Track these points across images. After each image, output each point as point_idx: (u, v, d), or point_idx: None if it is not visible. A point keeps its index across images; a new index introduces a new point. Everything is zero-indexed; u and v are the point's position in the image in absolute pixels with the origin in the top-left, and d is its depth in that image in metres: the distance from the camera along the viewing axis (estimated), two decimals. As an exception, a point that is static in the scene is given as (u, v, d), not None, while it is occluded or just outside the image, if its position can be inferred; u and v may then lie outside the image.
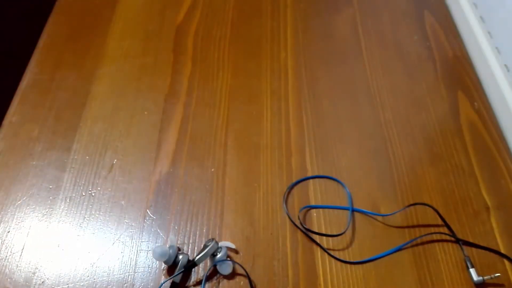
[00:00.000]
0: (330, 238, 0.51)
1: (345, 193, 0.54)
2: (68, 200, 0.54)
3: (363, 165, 0.56)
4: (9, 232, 0.52)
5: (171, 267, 0.49)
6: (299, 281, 0.48)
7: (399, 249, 0.49)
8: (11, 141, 0.59)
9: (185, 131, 0.60)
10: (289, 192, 0.54)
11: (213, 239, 0.48)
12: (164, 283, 0.47)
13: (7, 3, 1.05)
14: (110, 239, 0.51)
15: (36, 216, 0.53)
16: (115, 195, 0.54)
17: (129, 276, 0.48)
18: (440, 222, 0.52)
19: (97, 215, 0.53)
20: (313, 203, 0.53)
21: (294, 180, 0.55)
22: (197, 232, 0.51)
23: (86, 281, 0.48)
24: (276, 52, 0.68)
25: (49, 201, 0.54)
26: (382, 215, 0.52)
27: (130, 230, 0.52)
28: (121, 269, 0.49)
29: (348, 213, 0.52)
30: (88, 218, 0.53)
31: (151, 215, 0.53)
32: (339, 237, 0.51)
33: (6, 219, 0.53)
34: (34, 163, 0.57)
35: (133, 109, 0.62)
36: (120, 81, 0.65)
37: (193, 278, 0.48)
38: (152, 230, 0.51)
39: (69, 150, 0.58)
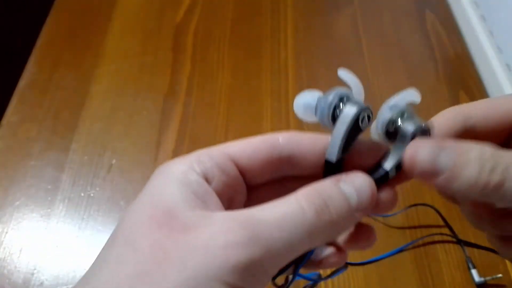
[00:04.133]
0: (330, 239, 0.50)
1: (346, 193, 0.53)
2: (66, 201, 0.54)
3: (364, 165, 0.56)
4: (7, 233, 0.51)
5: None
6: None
7: (400, 251, 0.49)
8: (9, 141, 0.59)
9: (184, 131, 0.59)
10: (289, 193, 0.54)
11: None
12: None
13: (4, 1, 1.05)
14: (109, 240, 0.51)
15: (35, 217, 0.53)
16: (114, 196, 0.54)
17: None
18: (441, 223, 0.51)
19: (96, 216, 0.52)
20: (313, 203, 0.53)
21: (294, 181, 0.54)
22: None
23: (85, 282, 0.48)
24: (276, 52, 0.68)
25: (48, 202, 0.54)
26: (383, 216, 0.52)
27: (129, 231, 0.51)
28: (120, 270, 0.48)
29: (348, 213, 0.52)
30: (87, 219, 0.52)
31: (151, 216, 0.52)
32: (339, 238, 0.50)
33: (4, 220, 0.52)
34: (32, 163, 0.57)
35: (132, 109, 0.62)
36: (119, 81, 0.65)
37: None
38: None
39: (67, 150, 0.58)
